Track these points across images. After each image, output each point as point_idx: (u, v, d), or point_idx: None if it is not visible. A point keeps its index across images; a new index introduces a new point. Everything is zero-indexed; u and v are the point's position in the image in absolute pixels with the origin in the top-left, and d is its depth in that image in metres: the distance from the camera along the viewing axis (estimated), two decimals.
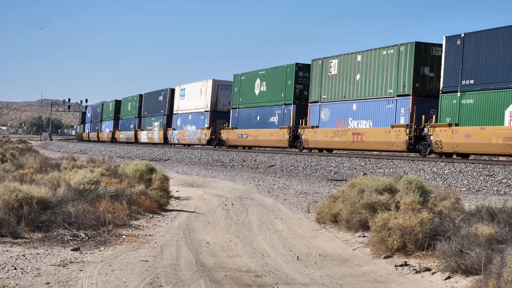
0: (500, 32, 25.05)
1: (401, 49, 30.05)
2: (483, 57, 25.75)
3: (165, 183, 15.49)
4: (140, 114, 65.39)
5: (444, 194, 11.69)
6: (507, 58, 24.50)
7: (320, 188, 21.42)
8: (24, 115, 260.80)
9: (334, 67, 35.16)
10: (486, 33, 25.85)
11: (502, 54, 24.74)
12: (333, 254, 9.86)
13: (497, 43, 25.11)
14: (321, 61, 36.25)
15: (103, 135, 76.70)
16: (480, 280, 6.98)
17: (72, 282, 7.47)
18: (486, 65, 25.52)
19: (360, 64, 32.96)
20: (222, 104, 49.70)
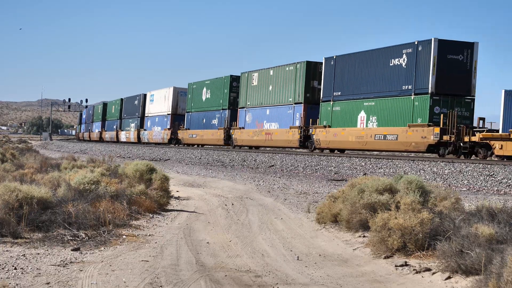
0: (356, 56, 34.61)
1: (298, 66, 38.67)
2: (346, 75, 34.93)
3: (165, 183, 15.48)
4: (121, 116, 74.50)
5: (444, 194, 11.69)
6: (359, 75, 33.96)
7: (320, 188, 21.42)
8: (24, 115, 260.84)
9: (255, 79, 43.78)
10: (348, 56, 35.29)
11: (357, 73, 34.08)
12: (333, 254, 9.86)
13: (354, 64, 34.38)
14: (247, 74, 44.95)
15: (93, 135, 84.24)
16: (480, 280, 6.98)
17: (72, 282, 7.47)
18: (348, 81, 34.74)
19: (272, 77, 41.60)
20: (182, 108, 58.06)
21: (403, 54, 31.02)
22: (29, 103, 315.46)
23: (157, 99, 61.69)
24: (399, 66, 31.12)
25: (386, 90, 31.82)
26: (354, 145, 33.91)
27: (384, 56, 32.13)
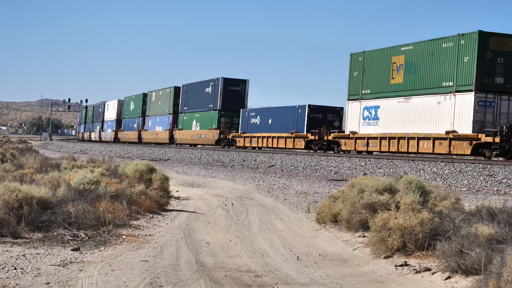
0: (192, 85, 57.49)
1: (171, 89, 60.64)
2: (189, 97, 57.65)
3: (165, 183, 15.48)
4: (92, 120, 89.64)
5: (444, 194, 11.69)
6: (193, 98, 56.58)
7: (320, 188, 21.42)
8: (24, 115, 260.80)
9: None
10: (188, 85, 58.09)
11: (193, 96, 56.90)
12: (333, 254, 9.86)
13: (191, 90, 57.54)
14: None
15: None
16: (480, 280, 6.97)
17: (72, 282, 7.46)
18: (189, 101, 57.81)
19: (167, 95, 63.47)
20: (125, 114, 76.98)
21: (210, 86, 53.69)
22: (29, 103, 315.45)
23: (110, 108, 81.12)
24: (208, 93, 53.94)
25: (203, 107, 54.52)
26: (190, 141, 56.10)
27: (202, 86, 55.35)
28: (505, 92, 28.15)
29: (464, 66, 28.47)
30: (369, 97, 34.71)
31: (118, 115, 76.23)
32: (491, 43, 27.97)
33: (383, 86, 33.61)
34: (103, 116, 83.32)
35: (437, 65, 30.11)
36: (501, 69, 28.01)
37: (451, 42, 29.43)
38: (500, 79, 28.08)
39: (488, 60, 27.88)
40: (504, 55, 27.95)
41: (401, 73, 32.30)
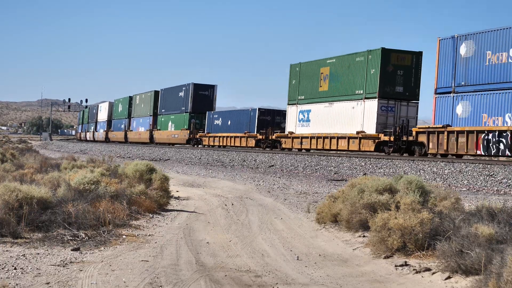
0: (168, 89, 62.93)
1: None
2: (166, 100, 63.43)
3: (165, 183, 15.48)
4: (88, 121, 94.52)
5: (444, 194, 11.69)
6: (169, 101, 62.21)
7: (320, 188, 21.42)
8: (24, 115, 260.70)
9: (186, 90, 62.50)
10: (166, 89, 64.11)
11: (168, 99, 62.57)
12: (333, 254, 9.86)
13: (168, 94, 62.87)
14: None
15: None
16: (480, 280, 6.97)
17: (72, 282, 7.46)
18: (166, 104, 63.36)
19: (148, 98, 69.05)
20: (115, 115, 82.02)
21: (182, 90, 58.87)
22: (29, 103, 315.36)
23: (102, 109, 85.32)
24: (181, 97, 59.19)
25: (177, 110, 59.81)
26: (166, 141, 61.67)
27: (176, 91, 60.65)
28: (404, 99, 33.96)
29: (371, 77, 33.95)
30: (303, 102, 40.14)
31: (109, 116, 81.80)
32: (392, 58, 33.61)
33: (314, 93, 39.07)
34: (97, 117, 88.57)
35: (352, 76, 35.57)
36: (400, 79, 33.73)
37: (362, 57, 34.87)
38: (400, 88, 33.83)
39: (389, 72, 33.45)
40: (403, 68, 33.74)
41: (327, 82, 37.82)
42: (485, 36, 27.27)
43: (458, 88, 28.45)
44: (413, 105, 34.51)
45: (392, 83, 33.62)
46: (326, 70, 37.89)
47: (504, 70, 26.11)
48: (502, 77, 26.20)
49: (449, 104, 28.69)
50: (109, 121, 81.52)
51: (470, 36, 28.07)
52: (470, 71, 27.87)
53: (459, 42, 28.52)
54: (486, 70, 27.04)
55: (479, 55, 27.43)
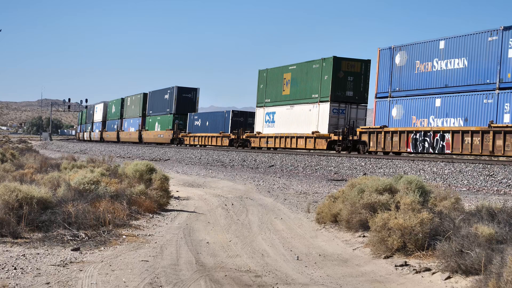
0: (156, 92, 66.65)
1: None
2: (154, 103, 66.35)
3: (165, 183, 15.47)
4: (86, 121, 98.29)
5: (444, 194, 11.69)
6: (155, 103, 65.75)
7: (320, 188, 21.42)
8: (24, 115, 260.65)
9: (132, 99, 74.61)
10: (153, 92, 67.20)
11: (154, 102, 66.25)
12: (333, 254, 9.86)
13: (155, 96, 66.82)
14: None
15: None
16: (480, 280, 6.97)
17: (72, 282, 7.46)
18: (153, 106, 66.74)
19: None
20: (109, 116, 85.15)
21: (168, 93, 62.85)
22: (29, 103, 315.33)
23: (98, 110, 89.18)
24: (166, 99, 62.95)
25: (163, 111, 63.72)
26: (153, 140, 65.26)
27: (162, 93, 64.39)
28: (354, 102, 37.60)
29: (324, 83, 37.63)
30: (270, 104, 44.02)
31: (104, 117, 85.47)
32: (343, 65, 37.26)
33: (278, 96, 42.83)
34: (93, 117, 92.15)
35: (309, 81, 39.23)
36: (350, 85, 37.40)
37: (317, 64, 38.49)
38: (350, 92, 37.50)
39: (340, 78, 37.14)
40: (353, 75, 37.43)
41: (289, 86, 41.61)
42: (415, 47, 31.24)
43: (394, 93, 32.34)
44: (362, 108, 38.12)
45: (343, 88, 37.27)
46: (288, 75, 41.75)
47: (429, 77, 30.06)
48: (428, 83, 30.12)
49: (386, 107, 32.70)
50: (104, 121, 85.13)
51: (404, 47, 32.06)
52: (403, 78, 31.83)
53: (395, 52, 32.47)
54: (416, 77, 30.98)
55: (410, 64, 31.39)
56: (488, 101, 26.76)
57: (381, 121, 32.95)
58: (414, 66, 31.15)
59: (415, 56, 31.05)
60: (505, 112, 25.81)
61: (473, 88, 27.68)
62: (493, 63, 26.76)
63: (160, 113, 64.15)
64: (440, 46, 29.58)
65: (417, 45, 31.14)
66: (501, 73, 26.28)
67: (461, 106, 28.19)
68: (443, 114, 29.05)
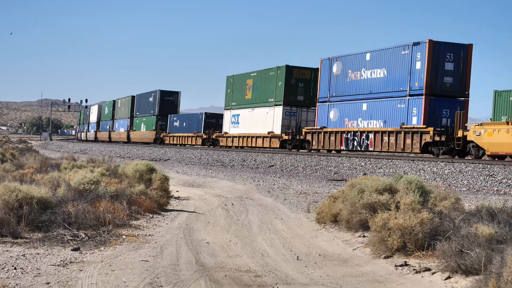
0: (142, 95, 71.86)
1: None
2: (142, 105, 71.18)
3: (165, 183, 15.47)
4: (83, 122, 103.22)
5: (444, 194, 11.68)
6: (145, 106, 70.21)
7: (320, 188, 21.42)
8: (24, 115, 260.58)
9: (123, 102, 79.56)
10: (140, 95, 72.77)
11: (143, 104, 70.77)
12: (333, 254, 9.86)
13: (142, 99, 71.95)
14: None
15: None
16: (480, 280, 6.97)
17: (72, 282, 7.46)
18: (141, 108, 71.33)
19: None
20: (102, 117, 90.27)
21: (152, 96, 67.81)
22: (29, 103, 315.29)
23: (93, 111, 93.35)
24: (150, 101, 67.88)
25: (147, 113, 68.89)
26: (139, 140, 69.81)
27: (147, 96, 69.14)
28: (304, 106, 42.10)
29: (279, 88, 42.26)
30: (235, 107, 48.78)
31: (98, 118, 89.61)
32: (295, 73, 42.04)
33: (242, 100, 47.48)
34: (89, 118, 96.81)
35: (267, 87, 43.91)
36: (301, 90, 41.98)
37: (273, 72, 43.19)
38: (301, 97, 42.05)
39: (292, 85, 41.78)
40: (303, 81, 42.03)
41: (250, 91, 46.35)
42: (348, 59, 36.36)
43: (332, 98, 37.40)
44: (312, 110, 41.89)
45: (295, 93, 41.95)
46: (250, 82, 46.65)
47: (358, 85, 35.03)
48: (357, 90, 35.11)
49: (326, 110, 37.69)
50: (98, 122, 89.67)
51: (339, 58, 37.06)
52: (338, 85, 36.86)
53: (332, 63, 37.38)
54: (348, 84, 36.01)
55: (344, 73, 36.41)
56: (401, 106, 31.67)
57: (321, 123, 37.86)
58: (347, 75, 36.14)
59: (348, 66, 36.09)
60: (413, 115, 30.84)
61: (390, 94, 32.54)
62: (405, 73, 31.46)
63: (145, 114, 69.25)
64: (367, 58, 34.49)
65: (350, 57, 36.22)
66: (411, 82, 31.18)
67: (381, 110, 33.08)
68: (368, 116, 34.01)
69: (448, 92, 30.91)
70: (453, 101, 30.91)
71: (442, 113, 30.51)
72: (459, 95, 31.21)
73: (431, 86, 30.48)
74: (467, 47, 31.15)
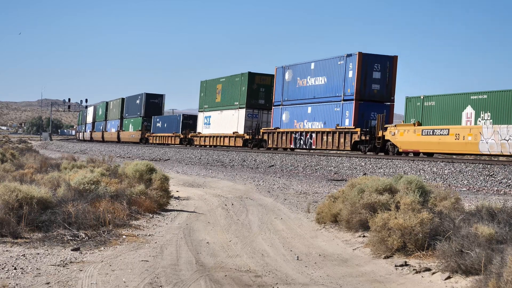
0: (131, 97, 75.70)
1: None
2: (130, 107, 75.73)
3: (165, 183, 15.47)
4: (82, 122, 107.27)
5: (444, 194, 11.68)
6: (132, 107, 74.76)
7: (320, 188, 21.42)
8: (24, 115, 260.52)
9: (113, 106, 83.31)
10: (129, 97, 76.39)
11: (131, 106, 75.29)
12: (333, 254, 9.86)
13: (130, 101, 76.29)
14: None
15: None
16: (480, 280, 6.97)
17: (72, 282, 7.46)
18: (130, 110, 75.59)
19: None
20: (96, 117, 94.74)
21: (138, 99, 71.98)
22: (29, 103, 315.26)
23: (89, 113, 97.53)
24: (137, 104, 71.87)
25: (135, 114, 72.58)
26: (127, 140, 73.72)
27: (135, 99, 73.25)
28: (265, 108, 46.15)
29: (242, 93, 46.73)
30: (207, 110, 53.35)
31: (93, 118, 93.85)
32: (256, 79, 46.71)
33: (213, 103, 52.16)
34: (86, 119, 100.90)
35: (233, 91, 48.47)
36: (262, 95, 46.48)
37: (238, 78, 47.80)
38: (262, 101, 46.61)
39: (254, 89, 46.38)
40: (264, 87, 46.50)
41: (220, 95, 50.94)
42: (297, 67, 40.99)
43: (284, 102, 42.14)
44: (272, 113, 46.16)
45: (256, 97, 46.58)
46: (220, 86, 51.18)
47: (305, 91, 39.87)
48: (304, 95, 39.89)
49: (279, 113, 42.50)
50: (93, 123, 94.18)
51: (291, 67, 41.80)
52: (289, 91, 41.64)
53: (285, 70, 42.17)
54: (297, 90, 40.76)
55: (294, 80, 41.17)
56: (337, 109, 36.58)
57: (276, 124, 42.83)
58: (296, 81, 40.98)
59: (297, 74, 40.83)
60: (346, 118, 35.67)
61: (329, 99, 37.38)
62: (340, 81, 36.39)
63: (133, 116, 73.94)
64: (311, 67, 39.26)
65: (298, 65, 40.90)
66: (344, 89, 35.96)
67: (322, 113, 37.95)
68: (312, 118, 38.89)
69: (376, 97, 35.57)
70: (380, 106, 35.45)
71: (370, 115, 34.91)
72: (385, 100, 35.90)
73: (360, 92, 35.09)
74: (392, 58, 35.86)
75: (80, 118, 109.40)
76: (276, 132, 41.98)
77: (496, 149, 25.77)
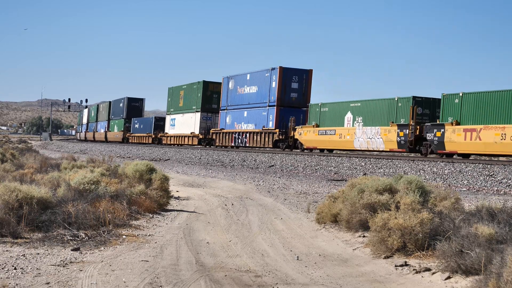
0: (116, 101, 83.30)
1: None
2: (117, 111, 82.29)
3: (165, 183, 15.47)
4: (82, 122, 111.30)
5: (444, 194, 11.68)
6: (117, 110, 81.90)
7: (320, 188, 21.42)
8: (24, 115, 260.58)
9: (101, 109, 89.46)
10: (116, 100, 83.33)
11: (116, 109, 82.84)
12: (333, 254, 9.86)
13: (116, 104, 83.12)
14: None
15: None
16: (480, 280, 6.97)
17: (72, 282, 7.46)
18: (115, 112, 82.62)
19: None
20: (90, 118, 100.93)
21: (122, 102, 78.49)
22: (29, 103, 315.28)
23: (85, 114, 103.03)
24: (121, 107, 77.73)
25: (119, 116, 79.27)
26: (113, 139, 79.82)
27: (119, 102, 79.29)
28: (217, 112, 52.14)
29: (199, 98, 53.86)
30: (173, 113, 60.29)
31: (88, 120, 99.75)
32: (210, 86, 53.63)
33: (177, 107, 59.15)
34: (82, 120, 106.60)
35: (192, 97, 55.50)
36: (215, 100, 53.01)
37: (196, 85, 54.80)
38: (214, 105, 53.00)
39: (208, 96, 53.45)
40: (217, 93, 52.79)
41: (182, 100, 58.00)
42: (238, 77, 48.41)
43: (228, 107, 49.35)
44: None
45: (210, 102, 53.37)
46: (182, 92, 58.23)
47: (243, 97, 47.13)
48: (242, 101, 47.11)
49: (224, 116, 49.69)
50: (87, 124, 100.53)
51: (233, 77, 49.31)
52: (232, 97, 48.92)
53: (229, 80, 49.57)
54: (237, 97, 48.00)
55: (235, 88, 48.57)
56: (264, 113, 43.78)
57: (222, 125, 50.10)
58: (237, 89, 48.30)
59: (237, 83, 48.16)
60: (270, 120, 42.99)
61: (259, 105, 44.73)
62: (267, 90, 43.75)
63: (117, 118, 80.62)
64: (248, 78, 46.58)
65: (238, 76, 48.23)
66: (269, 96, 43.34)
67: (254, 116, 45.19)
68: (247, 121, 46.16)
69: (294, 104, 42.83)
70: (298, 110, 42.25)
71: (288, 119, 41.23)
72: (302, 106, 42.37)
73: (281, 100, 42.56)
74: (308, 71, 43.24)
75: (79, 118, 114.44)
76: (222, 133, 49.56)
77: (365, 146, 33.05)
